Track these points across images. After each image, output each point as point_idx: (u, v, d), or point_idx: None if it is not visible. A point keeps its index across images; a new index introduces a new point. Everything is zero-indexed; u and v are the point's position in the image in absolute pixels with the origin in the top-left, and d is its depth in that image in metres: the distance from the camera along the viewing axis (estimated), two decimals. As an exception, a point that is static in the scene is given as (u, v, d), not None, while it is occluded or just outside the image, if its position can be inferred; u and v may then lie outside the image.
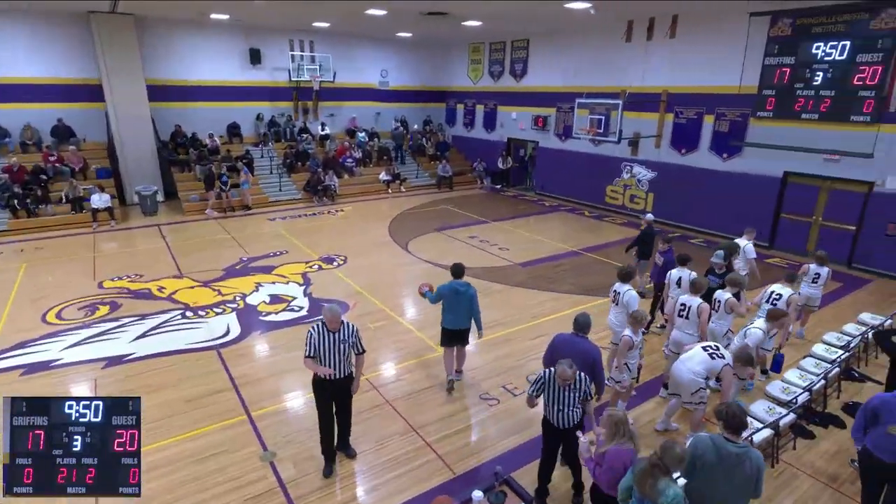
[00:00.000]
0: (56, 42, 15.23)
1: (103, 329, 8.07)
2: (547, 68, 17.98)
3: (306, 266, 11.07)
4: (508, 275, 10.79)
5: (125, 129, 15.86)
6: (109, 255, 11.84)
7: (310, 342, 4.76)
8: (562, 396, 4.39)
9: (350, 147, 19.77)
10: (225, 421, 5.89)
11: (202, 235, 13.49)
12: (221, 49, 17.85)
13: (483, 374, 6.99)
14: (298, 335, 7.98)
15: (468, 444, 5.59)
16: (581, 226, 15.06)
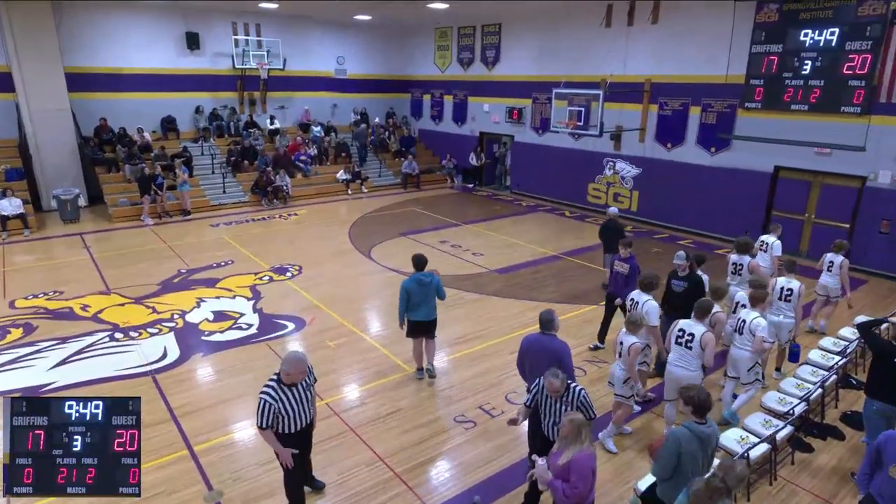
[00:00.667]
0: (-45, 23, 14.58)
1: (16, 355, 7.70)
2: (521, 55, 18.24)
3: (255, 278, 10.85)
4: (483, 283, 10.83)
5: (40, 124, 15.24)
6: (22, 270, 11.33)
7: (266, 412, 4.30)
8: (554, 408, 4.48)
9: (303, 143, 19.56)
10: (162, 458, 5.69)
11: (133, 245, 13.06)
12: (154, 32, 17.43)
13: (458, 393, 6.97)
14: (247, 356, 7.82)
15: (442, 473, 5.56)
16: (561, 227, 15.27)
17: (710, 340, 5.60)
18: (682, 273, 6.92)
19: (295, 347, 8.07)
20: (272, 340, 8.30)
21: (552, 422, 4.54)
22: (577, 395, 4.45)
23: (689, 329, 5.73)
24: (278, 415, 4.35)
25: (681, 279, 6.91)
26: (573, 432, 3.80)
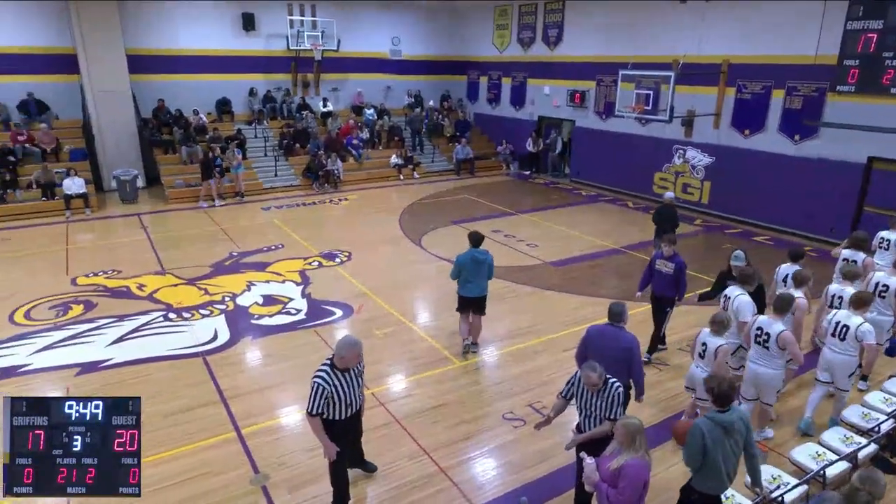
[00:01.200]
0: (23, 5, 15.57)
1: (77, 331, 8.24)
2: (586, 34, 17.80)
3: (305, 263, 11.16)
4: (538, 275, 10.73)
5: (102, 105, 16.16)
6: (84, 248, 12.10)
7: (319, 396, 4.38)
8: (590, 402, 4.46)
9: (356, 126, 19.86)
10: (210, 439, 5.97)
11: (188, 227, 13.71)
12: (211, 13, 18.09)
13: (507, 389, 6.96)
14: (295, 342, 8.06)
15: (489, 471, 5.58)
16: (624, 219, 14.88)
17: (788, 339, 5.46)
18: (738, 274, 6.62)
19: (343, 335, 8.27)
20: (320, 327, 8.53)
21: (585, 415, 4.53)
22: (613, 391, 4.39)
23: (767, 328, 5.57)
24: (330, 400, 4.46)
25: (734, 279, 6.64)
26: (627, 438, 3.72)
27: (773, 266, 7.72)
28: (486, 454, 5.81)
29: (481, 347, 7.97)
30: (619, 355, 4.97)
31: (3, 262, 11.09)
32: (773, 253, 12.12)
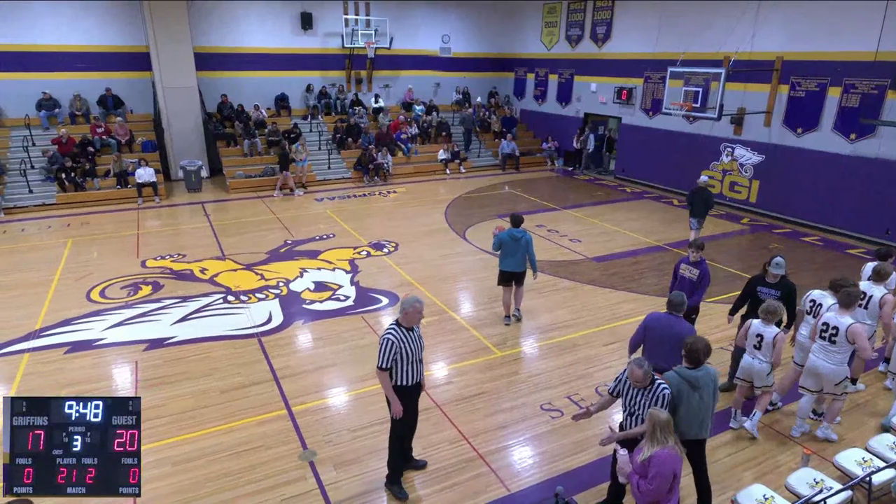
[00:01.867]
0: (103, 7, 16.34)
1: (145, 310, 8.65)
2: (635, 31, 17.32)
3: (354, 252, 11.34)
4: (580, 270, 10.57)
5: (171, 100, 16.81)
6: (153, 233, 12.66)
7: (388, 350, 4.56)
8: (635, 400, 4.39)
9: (405, 122, 19.98)
10: (263, 415, 6.17)
11: (246, 215, 14.13)
12: (272, 12, 18.49)
13: (546, 381, 6.91)
14: (343, 327, 8.21)
15: (525, 459, 5.56)
16: (668, 217, 14.46)
17: (858, 331, 5.32)
18: (773, 280, 6.15)
19: (388, 322, 8.38)
20: (367, 314, 8.66)
21: (629, 413, 4.45)
22: (659, 393, 4.30)
23: (834, 322, 5.44)
24: (398, 355, 4.62)
25: (771, 286, 6.16)
26: (650, 429, 3.72)
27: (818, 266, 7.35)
28: (523, 443, 5.79)
29: (520, 339, 7.95)
30: (675, 343, 5.03)
31: (81, 245, 11.72)
32: (820, 254, 11.58)
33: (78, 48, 16.38)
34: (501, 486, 5.18)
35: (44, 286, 9.50)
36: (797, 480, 4.66)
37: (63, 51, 16.24)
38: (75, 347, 7.55)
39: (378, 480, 5.20)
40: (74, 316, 8.43)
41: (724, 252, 11.69)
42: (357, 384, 6.78)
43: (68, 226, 13.07)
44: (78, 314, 8.49)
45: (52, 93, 16.31)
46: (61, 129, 15.62)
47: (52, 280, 9.78)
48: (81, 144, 15.58)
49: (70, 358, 7.30)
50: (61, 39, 16.12)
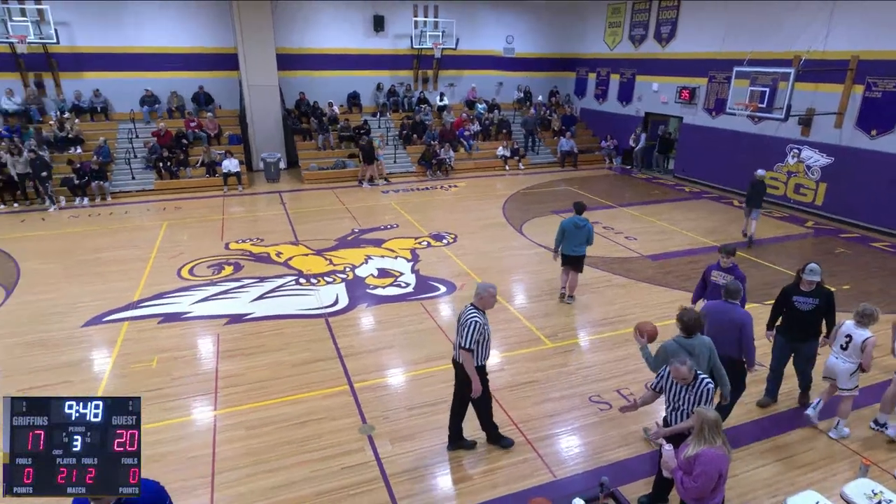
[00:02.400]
0: (199, 12, 17.19)
1: (227, 288, 9.12)
2: (700, 31, 16.49)
3: (415, 242, 11.47)
4: (634, 268, 10.25)
5: (255, 98, 17.53)
6: (236, 219, 13.29)
7: (475, 331, 4.67)
8: (679, 396, 4.24)
9: (468, 119, 19.94)
10: (327, 389, 6.38)
11: (318, 205, 14.58)
12: (347, 16, 18.87)
13: (595, 373, 6.77)
14: (402, 312, 8.35)
15: (573, 448, 5.49)
16: (728, 217, 13.74)
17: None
18: (808, 288, 5.58)
19: (445, 310, 8.45)
20: (425, 300, 8.76)
21: (673, 408, 4.32)
22: (703, 388, 4.14)
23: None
24: (479, 338, 4.74)
25: (807, 295, 5.58)
26: (698, 427, 3.57)
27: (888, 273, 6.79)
28: (570, 432, 5.72)
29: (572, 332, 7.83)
30: (731, 328, 5.10)
31: (174, 227, 12.48)
32: (891, 260, 10.68)
33: (176, 50, 17.36)
34: (547, 471, 5.14)
35: (142, 262, 10.19)
36: (854, 490, 4.39)
37: (163, 52, 17.26)
38: (167, 318, 8.07)
39: (429, 457, 5.29)
40: (167, 290, 9.00)
41: (785, 254, 11.01)
42: (414, 366, 6.90)
43: (164, 210, 13.93)
44: (170, 289, 9.06)
45: (153, 90, 17.40)
46: (160, 122, 16.63)
47: (150, 257, 10.47)
48: (177, 137, 16.54)
49: (162, 328, 7.82)
50: (162, 42, 17.13)
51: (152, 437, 5.52)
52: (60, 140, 15.59)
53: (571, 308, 8.53)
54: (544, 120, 21.10)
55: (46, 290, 9.03)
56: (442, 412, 5.92)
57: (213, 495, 4.82)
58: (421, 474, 5.08)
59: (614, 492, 4.00)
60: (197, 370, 6.77)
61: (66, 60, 16.56)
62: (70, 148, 15.63)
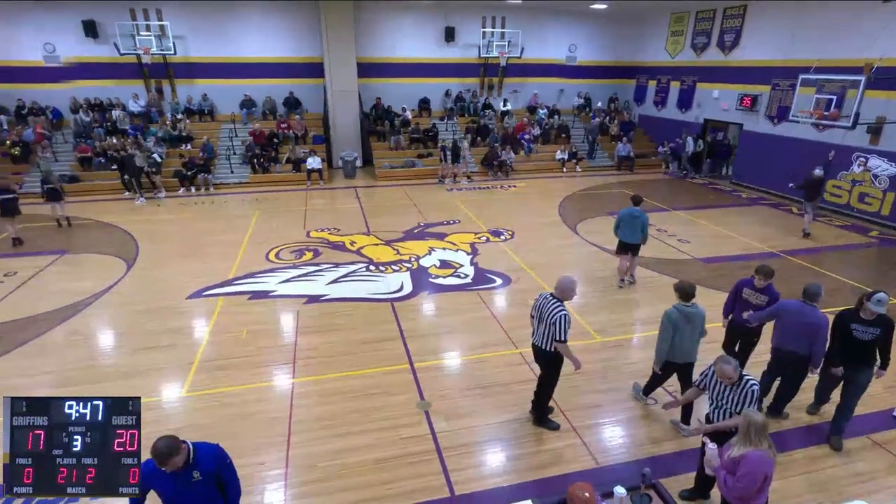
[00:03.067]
0: (290, 26, 17.88)
1: (307, 271, 9.50)
2: (765, 38, 15.36)
3: (475, 237, 11.47)
4: (684, 269, 9.76)
5: (337, 103, 18.06)
6: (316, 210, 13.79)
7: (568, 324, 4.77)
8: (722, 395, 4.03)
9: (529, 124, 19.63)
10: (391, 366, 6.53)
11: (389, 200, 14.87)
12: (421, 28, 19.02)
13: (644, 370, 6.51)
14: (460, 301, 8.38)
15: (616, 438, 5.33)
16: (787, 224, 12.78)
17: None
18: (869, 318, 4.83)
19: (500, 301, 8.41)
20: (482, 291, 8.75)
21: (716, 407, 4.10)
22: (748, 389, 3.89)
23: None
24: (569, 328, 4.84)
25: (868, 324, 4.83)
26: (743, 429, 3.35)
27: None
28: (615, 423, 5.55)
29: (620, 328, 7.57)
30: (806, 330, 4.92)
31: (264, 216, 13.12)
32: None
33: (271, 59, 18.17)
34: (591, 458, 5.03)
35: (237, 246, 10.80)
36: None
37: (260, 62, 18.12)
38: (255, 296, 8.53)
39: (480, 435, 5.31)
40: (256, 271, 9.50)
41: (846, 263, 10.12)
42: (469, 351, 6.92)
43: (256, 200, 14.68)
44: (259, 269, 9.55)
45: (251, 95, 18.32)
46: (255, 124, 17.50)
47: (243, 241, 11.08)
48: (269, 136, 17.35)
49: (251, 303, 8.26)
50: (259, 53, 17.98)
51: (241, 398, 5.87)
52: (173, 138, 16.76)
53: (621, 305, 8.25)
54: (603, 125, 20.42)
55: (159, 266, 9.77)
56: (493, 395, 5.92)
57: (288, 452, 5.07)
58: (471, 450, 5.11)
59: (656, 484, 3.84)
60: (279, 342, 7.11)
61: (181, 69, 17.75)
62: (181, 145, 16.76)
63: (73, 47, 16.65)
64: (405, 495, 4.56)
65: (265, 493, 4.59)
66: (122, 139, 16.19)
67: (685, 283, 5.20)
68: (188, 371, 6.41)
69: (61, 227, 12.08)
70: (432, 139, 18.65)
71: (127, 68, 17.16)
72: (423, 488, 4.64)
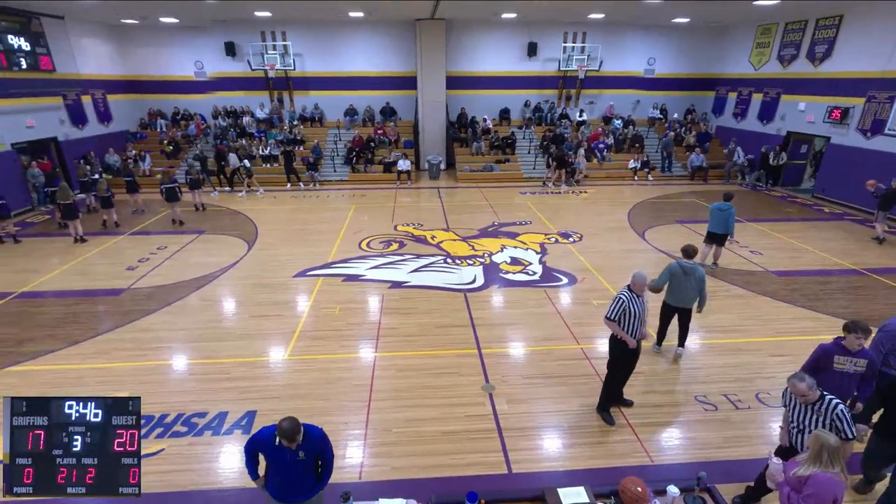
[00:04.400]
0: (390, 44, 18.43)
1: (392, 260, 9.82)
2: (862, 49, 13.50)
3: (545, 237, 11.22)
4: (756, 281, 8.90)
5: (427, 112, 18.41)
6: (404, 207, 14.17)
7: (617, 305, 4.74)
8: (802, 415, 3.53)
9: (603, 133, 18.80)
10: (460, 350, 6.59)
11: (467, 200, 14.94)
12: (505, 44, 18.81)
13: (704, 375, 6.07)
14: (528, 296, 8.26)
15: (671, 439, 5.00)
16: (871, 241, 11.26)
17: None
18: None
19: (565, 298, 8.18)
20: (548, 288, 8.56)
21: (795, 428, 3.59)
22: (832, 409, 3.37)
23: None
24: (624, 312, 4.74)
25: None
26: (814, 449, 2.95)
27: None
28: (671, 425, 5.21)
29: (684, 334, 7.07)
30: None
31: (359, 210, 13.71)
32: None
33: (372, 74, 18.88)
34: (645, 455, 4.77)
35: (335, 234, 11.40)
36: None
37: (362, 76, 18.89)
38: (348, 278, 8.96)
39: (537, 420, 5.22)
40: (350, 257, 9.97)
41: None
42: (533, 342, 6.81)
43: (353, 196, 15.37)
44: (353, 256, 10.01)
45: (354, 104, 19.16)
46: (356, 129, 18.29)
47: (341, 230, 11.67)
48: (367, 141, 18.06)
49: (345, 285, 8.69)
50: (362, 68, 18.74)
51: (331, 366, 6.22)
52: (290, 141, 17.97)
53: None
54: (678, 137, 19.06)
55: (273, 247, 10.57)
56: (553, 385, 5.80)
57: (368, 416, 5.30)
58: (529, 434, 5.04)
59: (711, 488, 3.57)
60: (366, 320, 7.42)
61: (298, 82, 18.96)
62: (296, 147, 17.94)
63: (217, 64, 18.36)
64: (467, 466, 4.60)
65: (347, 449, 4.83)
66: (250, 140, 17.64)
67: (689, 245, 6.07)
68: (290, 338, 6.89)
69: (197, 211, 13.43)
70: (510, 146, 18.45)
71: (256, 81, 18.64)
72: (483, 462, 4.65)
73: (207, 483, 4.43)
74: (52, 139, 14.85)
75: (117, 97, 17.73)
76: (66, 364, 6.29)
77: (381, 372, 6.09)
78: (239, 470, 4.56)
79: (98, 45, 16.79)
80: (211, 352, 6.54)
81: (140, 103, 18.89)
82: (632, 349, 4.91)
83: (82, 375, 6.05)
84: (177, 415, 5.29)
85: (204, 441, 4.93)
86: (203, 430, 5.08)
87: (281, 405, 5.45)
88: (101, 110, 16.90)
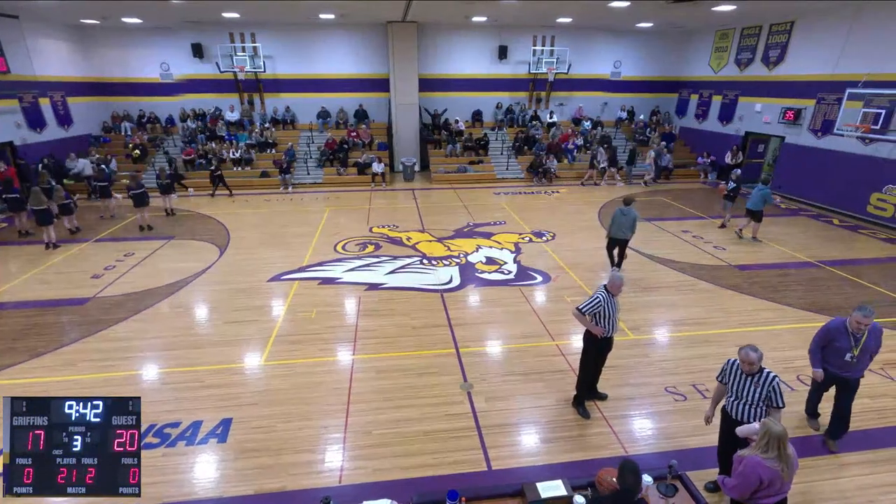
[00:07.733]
0: (362, 46, 18.29)
1: (368, 262, 9.74)
2: (811, 54, 14.18)
3: (519, 237, 11.34)
4: (720, 275, 9.23)
5: (400, 115, 18.34)
6: (378, 209, 14.08)
7: (592, 302, 4.84)
8: (741, 386, 3.78)
9: (573, 134, 19.14)
10: (439, 350, 6.59)
11: (442, 201, 14.95)
12: (476, 47, 18.93)
13: (674, 367, 6.25)
14: (503, 294, 8.33)
15: (645, 430, 5.14)
16: (827, 235, 11.80)
17: None
18: None
19: (540, 296, 8.29)
20: (523, 286, 8.66)
21: (734, 399, 3.84)
22: (769, 381, 3.64)
23: None
24: (599, 311, 4.85)
25: None
26: (761, 435, 3.13)
27: None
28: (644, 416, 5.35)
29: (653, 327, 7.27)
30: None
31: (333, 212, 13.54)
32: None
33: (344, 76, 18.68)
34: (619, 446, 4.88)
35: (310, 237, 11.22)
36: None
37: (335, 78, 18.67)
38: (324, 281, 8.83)
39: (516, 417, 5.27)
40: (326, 260, 9.83)
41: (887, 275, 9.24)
42: (510, 340, 6.87)
43: (327, 199, 15.17)
44: (328, 259, 9.88)
45: (326, 107, 18.91)
46: (329, 132, 18.06)
47: (315, 234, 11.50)
48: (340, 143, 17.87)
49: (321, 288, 8.57)
50: (334, 70, 18.52)
51: (310, 370, 6.12)
52: (261, 144, 17.60)
53: (655, 306, 7.92)
54: (644, 137, 19.55)
55: (246, 251, 10.32)
56: (530, 381, 5.86)
57: (347, 419, 5.24)
58: (508, 430, 5.08)
59: (682, 475, 3.68)
60: (343, 323, 7.34)
61: (269, 84, 18.59)
62: (267, 149, 17.58)
63: (183, 66, 17.82)
64: (449, 465, 4.60)
65: (326, 453, 4.77)
66: (220, 144, 17.18)
67: (628, 195, 8.13)
68: (267, 343, 6.75)
69: (167, 216, 13.00)
70: (483, 147, 18.58)
71: (225, 84, 18.18)
72: (464, 461, 4.66)
73: (182, 494, 4.29)
74: (9, 143, 14.12)
75: (79, 100, 16.99)
76: (30, 378, 5.98)
77: (359, 374, 6.03)
78: (214, 479, 4.44)
79: (57, 46, 16.06)
80: (184, 359, 6.35)
81: (104, 106, 18.16)
82: (604, 339, 5.03)
83: (48, 389, 5.76)
84: (149, 426, 5.10)
85: (177, 452, 4.77)
86: (176, 441, 4.92)
87: (258, 411, 5.33)
88: (61, 113, 16.16)
